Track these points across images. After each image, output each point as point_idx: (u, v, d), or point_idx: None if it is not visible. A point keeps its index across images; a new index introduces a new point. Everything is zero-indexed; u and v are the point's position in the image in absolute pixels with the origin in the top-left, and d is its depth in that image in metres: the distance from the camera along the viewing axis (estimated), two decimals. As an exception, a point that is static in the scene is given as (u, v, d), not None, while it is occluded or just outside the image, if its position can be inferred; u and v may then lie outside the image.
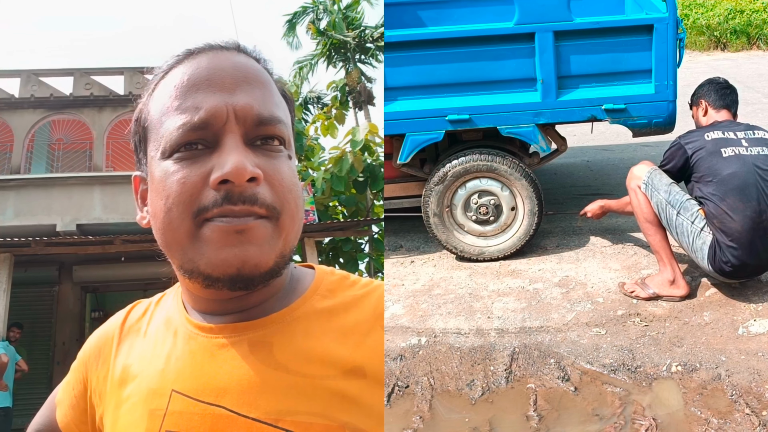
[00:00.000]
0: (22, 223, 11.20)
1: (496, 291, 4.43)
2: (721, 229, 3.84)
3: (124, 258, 10.58)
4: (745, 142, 3.95)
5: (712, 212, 3.87)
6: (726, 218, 3.82)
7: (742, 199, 3.81)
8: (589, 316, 4.06)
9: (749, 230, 3.79)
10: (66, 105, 12.66)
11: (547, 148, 4.74)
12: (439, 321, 4.15)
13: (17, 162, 12.01)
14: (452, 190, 4.71)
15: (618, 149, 6.66)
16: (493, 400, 3.55)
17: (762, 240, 3.81)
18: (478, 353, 3.84)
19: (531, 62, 4.51)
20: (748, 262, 3.83)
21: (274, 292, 1.03)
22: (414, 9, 5.03)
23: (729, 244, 3.81)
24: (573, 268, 4.60)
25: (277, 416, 0.91)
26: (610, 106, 4.55)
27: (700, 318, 3.92)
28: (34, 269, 11.11)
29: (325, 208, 13.55)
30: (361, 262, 13.86)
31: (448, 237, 4.76)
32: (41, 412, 1.31)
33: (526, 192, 4.67)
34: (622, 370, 3.61)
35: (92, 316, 12.11)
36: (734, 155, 3.89)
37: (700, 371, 3.52)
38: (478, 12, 5.02)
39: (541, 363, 3.73)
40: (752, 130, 4.06)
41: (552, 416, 3.37)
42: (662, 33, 4.47)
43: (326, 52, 21.52)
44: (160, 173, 0.96)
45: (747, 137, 3.98)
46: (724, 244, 3.83)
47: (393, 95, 4.55)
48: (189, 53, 1.03)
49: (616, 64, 4.56)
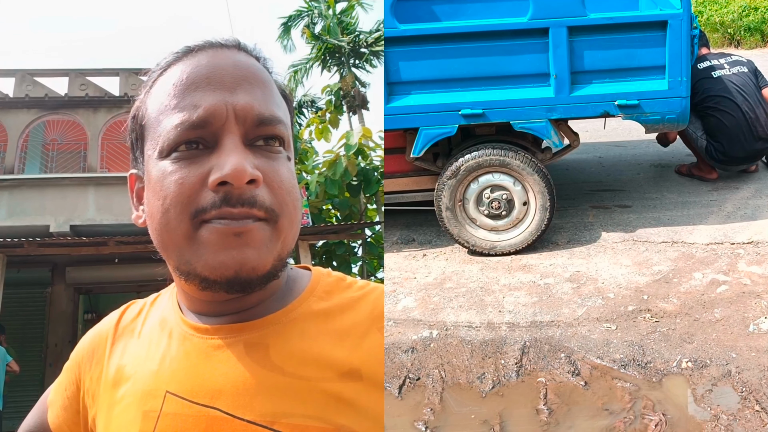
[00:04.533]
0: (15, 224, 11.07)
1: (507, 285, 4.44)
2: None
3: (118, 259, 10.47)
4: (727, 65, 5.49)
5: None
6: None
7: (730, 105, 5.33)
8: (599, 311, 4.07)
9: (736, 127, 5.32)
10: (61, 105, 12.48)
11: (559, 143, 4.75)
12: (450, 314, 4.17)
13: (11, 162, 11.83)
14: (465, 184, 4.72)
15: (630, 145, 6.65)
16: (503, 393, 3.57)
17: (746, 135, 5.32)
18: (489, 347, 3.86)
19: (544, 57, 4.51)
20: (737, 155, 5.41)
21: (271, 294, 1.02)
22: (428, 3, 5.03)
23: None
24: (584, 264, 4.61)
25: (272, 418, 0.90)
26: (623, 102, 4.55)
27: (711, 315, 3.93)
28: (27, 270, 11.02)
29: (319, 211, 13.58)
30: (354, 265, 13.88)
31: (460, 231, 4.77)
32: (32, 413, 1.28)
33: (538, 187, 4.68)
34: (632, 365, 3.62)
35: (85, 317, 12.00)
36: (722, 75, 5.42)
37: (710, 368, 3.53)
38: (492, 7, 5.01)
39: (551, 357, 3.75)
40: (729, 56, 5.65)
41: (562, 410, 3.39)
42: (676, 29, 4.46)
43: (321, 56, 21.47)
44: (158, 173, 0.94)
45: (726, 61, 5.53)
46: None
47: (407, 89, 4.56)
48: (188, 50, 1.00)
49: (630, 60, 4.55)
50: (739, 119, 5.33)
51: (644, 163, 6.23)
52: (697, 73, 5.30)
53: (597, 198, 5.58)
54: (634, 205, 5.37)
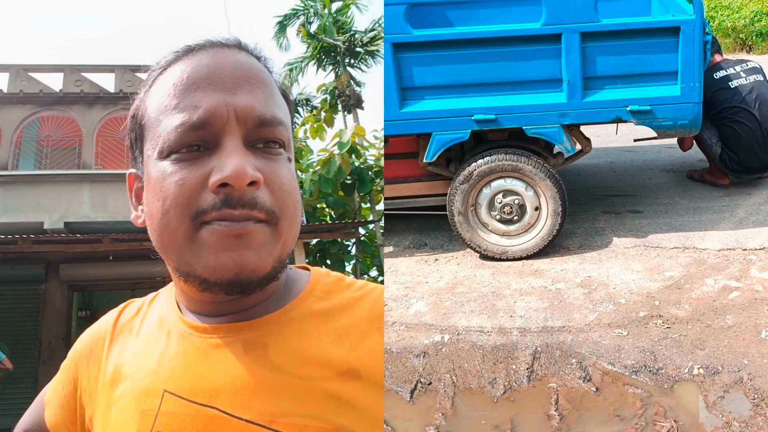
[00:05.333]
0: (9, 220, 10.97)
1: (518, 290, 4.45)
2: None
3: (113, 257, 10.39)
4: (743, 73, 5.40)
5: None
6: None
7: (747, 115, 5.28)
8: (611, 316, 4.07)
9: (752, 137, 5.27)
10: (55, 101, 12.35)
11: (571, 148, 4.76)
12: (462, 319, 4.19)
13: (5, 158, 11.74)
14: (477, 189, 4.74)
15: (642, 150, 6.65)
16: (514, 398, 3.59)
17: (762, 146, 5.29)
18: (501, 352, 3.88)
19: (557, 63, 4.53)
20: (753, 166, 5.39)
21: (270, 294, 1.01)
22: (441, 9, 5.05)
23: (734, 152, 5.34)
24: (595, 269, 4.61)
25: (270, 418, 0.90)
26: (636, 107, 4.56)
27: (723, 321, 3.93)
28: (21, 267, 10.95)
29: (313, 210, 13.57)
30: (348, 264, 13.88)
31: (472, 236, 4.79)
32: (29, 411, 1.27)
33: (550, 192, 4.69)
34: (643, 371, 3.63)
35: (79, 315, 11.93)
36: (739, 85, 5.33)
37: (722, 374, 3.53)
38: (505, 12, 5.03)
39: (562, 363, 3.76)
40: (745, 63, 5.53)
41: (573, 416, 3.40)
42: (689, 35, 4.47)
43: (316, 55, 21.48)
44: (158, 173, 0.93)
45: (743, 69, 5.43)
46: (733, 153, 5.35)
47: (420, 95, 4.58)
48: (188, 50, 0.99)
49: (642, 66, 4.56)
50: (755, 130, 5.28)
51: (656, 168, 6.23)
52: (713, 83, 5.26)
53: (608, 203, 5.59)
54: (645, 210, 5.37)
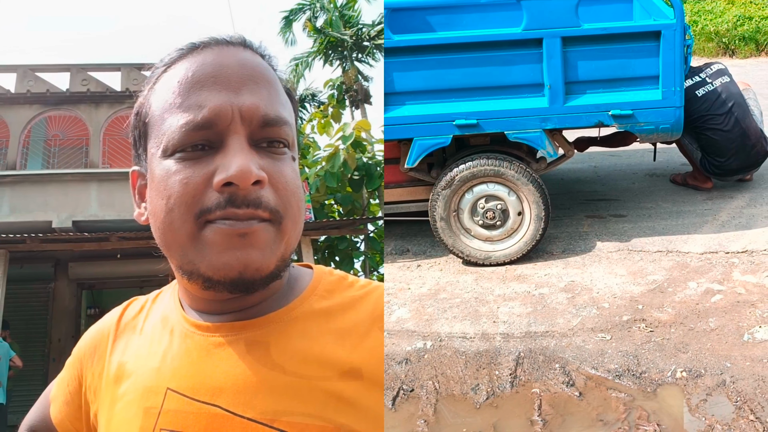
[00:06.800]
0: (17, 220, 11.14)
1: (501, 295, 4.44)
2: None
3: (120, 255, 10.56)
4: (709, 78, 5.34)
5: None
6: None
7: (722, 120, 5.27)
8: (594, 321, 4.06)
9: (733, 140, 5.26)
10: (62, 101, 12.52)
11: (554, 153, 4.75)
12: (444, 325, 4.17)
13: (13, 158, 11.90)
14: (459, 194, 4.72)
15: (625, 155, 6.66)
16: (497, 404, 3.56)
17: (739, 147, 5.28)
18: (484, 357, 3.85)
19: (539, 68, 4.52)
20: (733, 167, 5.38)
21: (273, 293, 1.01)
22: (422, 14, 5.05)
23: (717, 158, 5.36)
24: (579, 274, 4.61)
25: (272, 416, 0.90)
26: (617, 111, 4.56)
27: (706, 324, 3.92)
28: (30, 266, 11.09)
29: (321, 206, 13.53)
30: (357, 261, 13.84)
31: (454, 241, 4.77)
32: (35, 408, 1.29)
33: (532, 197, 4.68)
34: (626, 375, 3.62)
35: (88, 313, 12.10)
36: (706, 92, 5.28)
37: (705, 377, 3.53)
38: (486, 17, 5.03)
39: (546, 368, 3.74)
40: (709, 67, 5.46)
41: (556, 421, 3.38)
42: (670, 39, 4.48)
43: (323, 50, 21.36)
44: (162, 172, 0.93)
45: (708, 74, 5.37)
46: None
47: (401, 100, 4.57)
48: (193, 47, 0.99)
49: (624, 70, 4.57)
50: (730, 131, 5.27)
51: (639, 173, 6.24)
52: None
53: (592, 207, 5.59)
54: (629, 214, 5.37)
